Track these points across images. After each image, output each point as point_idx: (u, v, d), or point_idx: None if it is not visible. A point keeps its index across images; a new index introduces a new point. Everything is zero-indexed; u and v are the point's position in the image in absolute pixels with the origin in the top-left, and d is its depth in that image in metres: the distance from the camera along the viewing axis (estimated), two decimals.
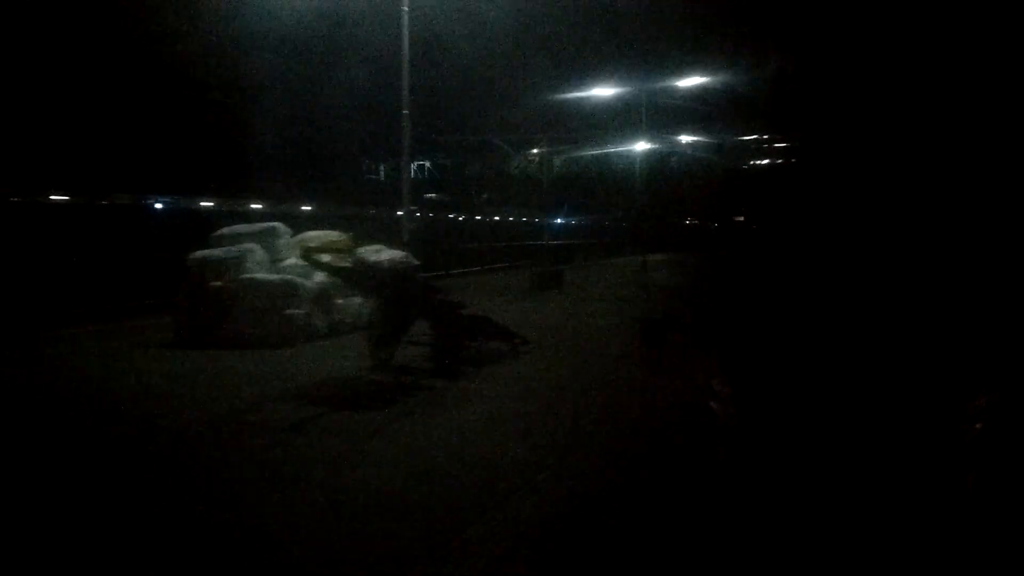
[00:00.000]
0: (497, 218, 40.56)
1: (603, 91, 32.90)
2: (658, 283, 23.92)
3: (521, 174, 52.95)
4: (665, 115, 38.08)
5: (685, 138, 46.32)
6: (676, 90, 33.42)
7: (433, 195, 43.04)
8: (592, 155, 52.60)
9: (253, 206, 23.77)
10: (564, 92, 35.59)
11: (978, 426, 2.97)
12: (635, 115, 33.68)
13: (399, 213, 17.45)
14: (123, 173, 21.91)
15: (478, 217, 38.57)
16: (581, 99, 34.03)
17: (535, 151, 51.31)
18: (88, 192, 19.04)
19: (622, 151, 43.81)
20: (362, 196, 33.04)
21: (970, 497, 3.06)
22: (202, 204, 22.84)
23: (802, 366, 4.68)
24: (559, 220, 42.32)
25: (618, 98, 33.49)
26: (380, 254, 9.30)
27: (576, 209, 45.82)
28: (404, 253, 9.92)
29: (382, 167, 50.56)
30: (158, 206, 21.73)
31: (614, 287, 23.52)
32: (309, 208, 25.77)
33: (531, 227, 40.31)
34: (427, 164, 50.40)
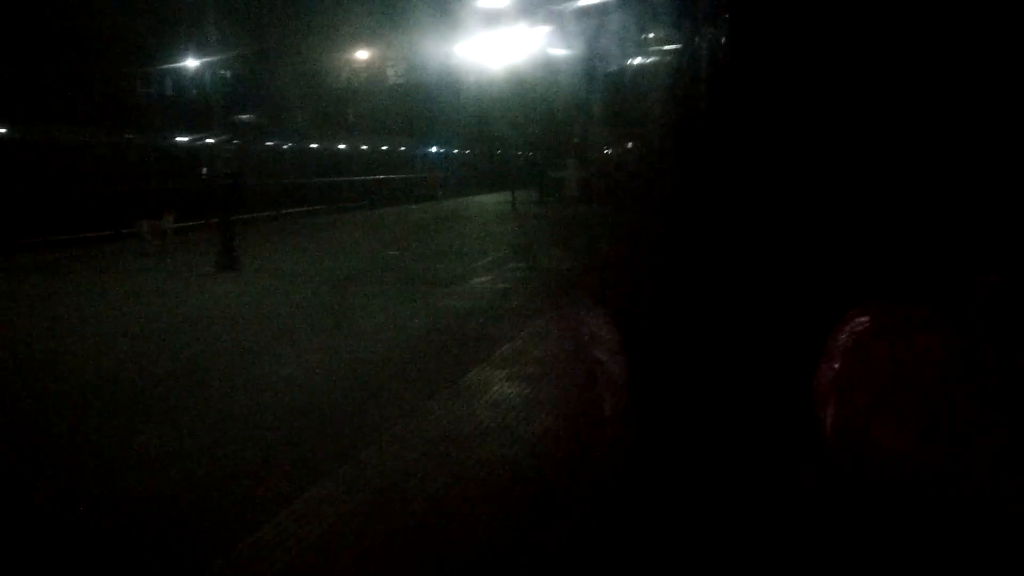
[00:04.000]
0: (335, 147, 29.68)
1: None
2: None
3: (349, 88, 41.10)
4: None
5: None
6: None
7: (245, 116, 31.30)
8: (441, 67, 41.37)
9: None
10: None
11: (836, 365, 2.12)
12: None
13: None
14: None
15: (314, 145, 27.59)
16: None
17: (363, 57, 39.49)
18: None
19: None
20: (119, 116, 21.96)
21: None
22: None
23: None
24: (423, 151, 32.16)
25: None
26: None
27: (441, 138, 35.55)
28: None
29: (168, 79, 37.49)
30: None
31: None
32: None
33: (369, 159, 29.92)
34: (228, 74, 37.62)
